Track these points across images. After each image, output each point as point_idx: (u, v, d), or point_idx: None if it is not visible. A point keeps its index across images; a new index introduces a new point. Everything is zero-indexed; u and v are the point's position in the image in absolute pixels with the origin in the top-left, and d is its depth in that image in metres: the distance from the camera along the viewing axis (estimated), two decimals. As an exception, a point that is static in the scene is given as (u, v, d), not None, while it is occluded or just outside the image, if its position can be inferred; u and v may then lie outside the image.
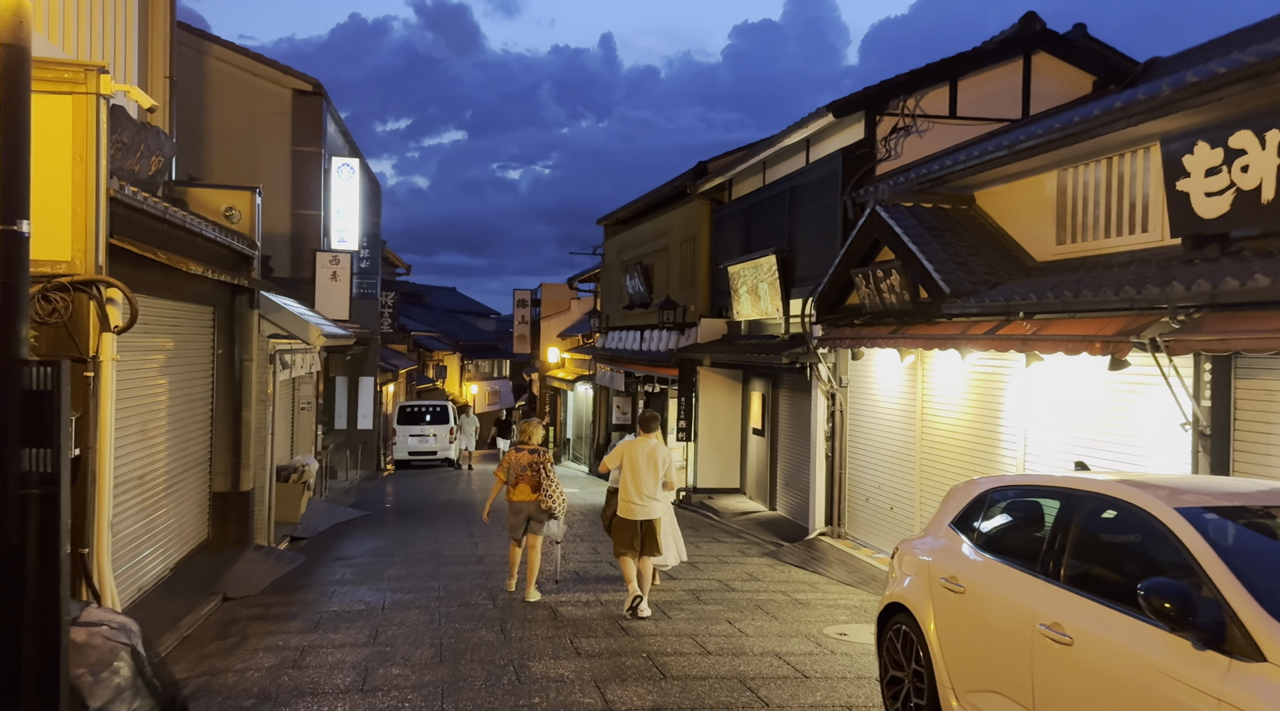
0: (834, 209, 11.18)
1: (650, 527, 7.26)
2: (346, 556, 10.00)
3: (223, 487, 9.69)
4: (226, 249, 9.08)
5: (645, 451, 7.27)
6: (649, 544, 7.24)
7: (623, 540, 7.29)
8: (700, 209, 16.41)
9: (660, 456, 7.31)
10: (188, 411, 8.94)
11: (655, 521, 7.28)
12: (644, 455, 7.24)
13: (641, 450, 7.28)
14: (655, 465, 7.24)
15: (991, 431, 8.14)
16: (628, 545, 7.22)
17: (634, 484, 7.21)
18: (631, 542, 7.20)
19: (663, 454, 7.38)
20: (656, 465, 7.25)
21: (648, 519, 7.23)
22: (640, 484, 7.21)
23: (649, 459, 7.23)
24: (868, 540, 10.29)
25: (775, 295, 12.61)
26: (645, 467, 7.21)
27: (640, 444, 7.35)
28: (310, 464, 12.87)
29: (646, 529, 7.24)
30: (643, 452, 7.26)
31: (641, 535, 7.21)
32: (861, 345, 9.59)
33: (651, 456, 7.24)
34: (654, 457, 7.24)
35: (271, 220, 14.31)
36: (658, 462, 7.26)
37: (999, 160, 8.21)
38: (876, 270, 9.30)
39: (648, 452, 7.26)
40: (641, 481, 7.20)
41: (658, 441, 7.42)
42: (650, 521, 7.25)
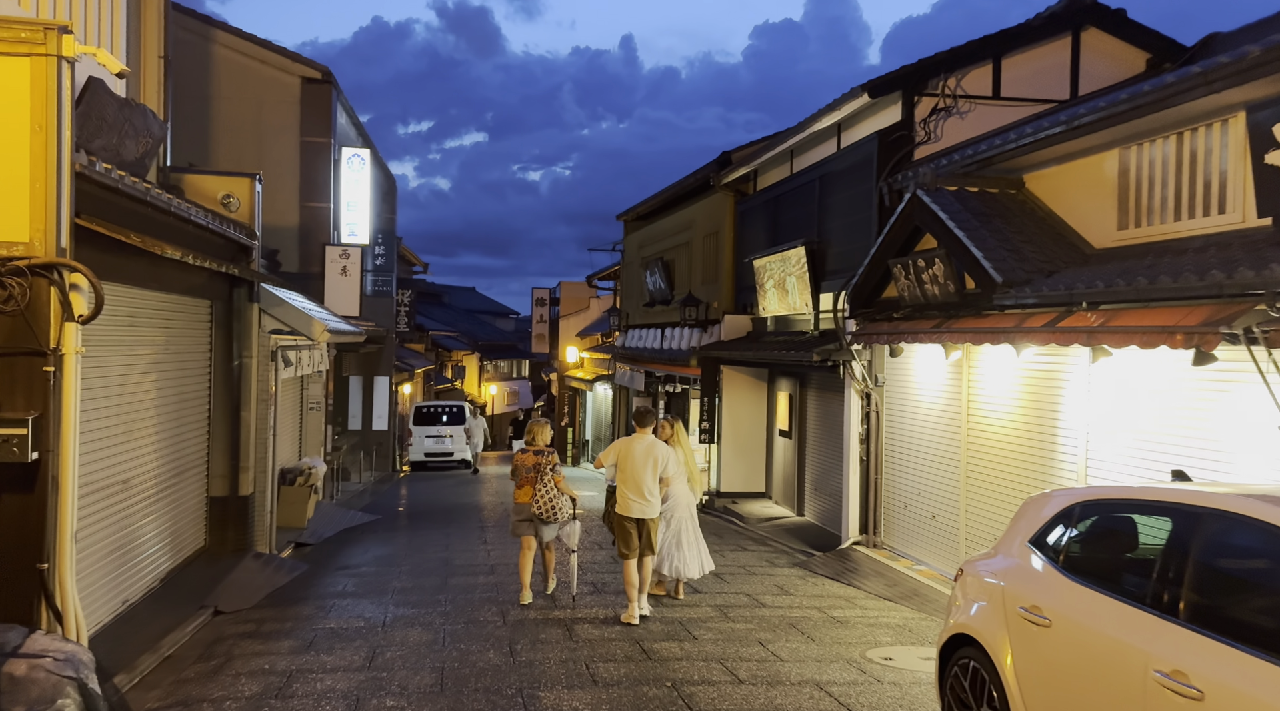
0: (868, 196, 10.50)
1: (646, 526, 7.06)
2: (351, 565, 9.44)
3: (220, 492, 9.16)
4: (223, 238, 8.54)
5: (642, 448, 7.03)
6: (645, 542, 7.07)
7: (625, 539, 7.06)
8: (724, 201, 15.76)
9: (658, 453, 7.09)
10: (181, 411, 8.41)
11: (652, 521, 7.08)
12: (641, 452, 7.01)
13: (638, 447, 7.04)
14: (653, 462, 7.01)
15: (1048, 434, 7.44)
16: (629, 545, 7.02)
17: (631, 481, 6.98)
18: (632, 541, 7.00)
19: (661, 451, 7.14)
20: (654, 462, 7.02)
21: (645, 518, 7.02)
22: (639, 482, 6.97)
23: (646, 456, 7.00)
24: (906, 550, 9.60)
25: (804, 289, 11.94)
26: (642, 465, 6.98)
27: (637, 440, 7.11)
28: (317, 466, 12.34)
29: (642, 527, 7.04)
30: (639, 449, 7.02)
31: (639, 533, 7.02)
32: (901, 340, 8.91)
33: (649, 453, 7.02)
34: (651, 454, 7.02)
35: (280, 213, 13.83)
36: (655, 459, 7.03)
37: (1056, 138, 7.51)
38: (917, 260, 8.62)
39: (644, 449, 7.03)
40: (639, 479, 6.97)
41: (654, 438, 7.19)
42: (646, 520, 7.04)
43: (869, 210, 10.48)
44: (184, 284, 8.00)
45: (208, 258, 7.57)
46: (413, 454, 24.26)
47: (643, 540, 7.05)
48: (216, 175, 9.09)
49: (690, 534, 7.78)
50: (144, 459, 7.45)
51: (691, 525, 7.80)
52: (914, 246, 9.09)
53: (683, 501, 7.76)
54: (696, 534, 7.85)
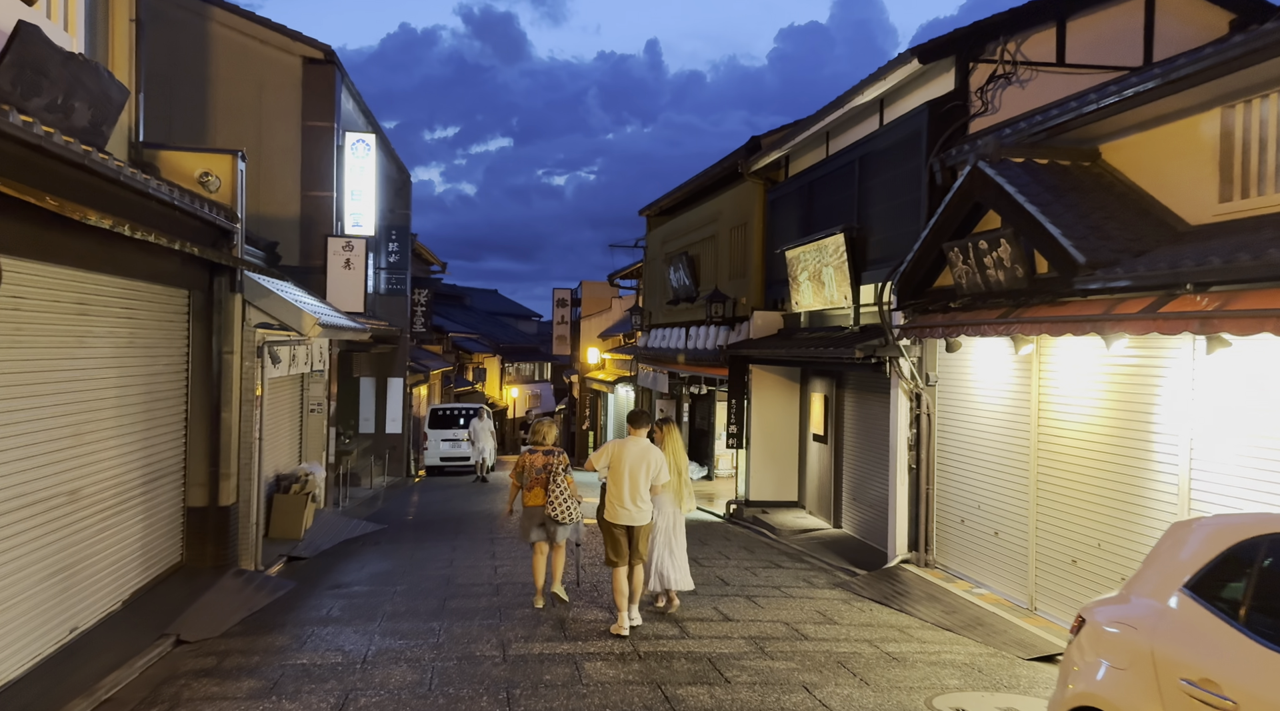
0: (916, 175, 9.46)
1: (636, 533, 6.74)
2: (343, 584, 8.53)
3: (199, 502, 8.29)
4: (198, 220, 7.67)
5: (636, 452, 6.69)
6: (635, 550, 6.75)
7: (614, 546, 6.71)
8: (753, 190, 14.75)
9: (652, 458, 6.76)
10: (152, 412, 7.54)
11: (643, 527, 6.77)
12: (635, 456, 6.66)
13: (632, 450, 6.69)
14: (646, 467, 6.69)
15: (1139, 440, 6.37)
16: (619, 552, 6.70)
17: (624, 486, 6.63)
18: (621, 548, 6.69)
19: (655, 456, 6.81)
20: (648, 467, 6.70)
21: (635, 525, 6.69)
22: (632, 487, 6.63)
23: (639, 460, 6.67)
24: (964, 571, 8.53)
25: (843, 280, 10.91)
26: (638, 469, 6.65)
27: (631, 443, 6.73)
28: (316, 473, 11.46)
29: (634, 534, 6.72)
30: (633, 453, 6.67)
31: (629, 541, 6.71)
32: (959, 333, 7.86)
33: (644, 457, 6.69)
34: (645, 458, 6.69)
35: (281, 203, 13.01)
36: (649, 464, 6.71)
37: (1146, 96, 6.46)
38: (978, 241, 7.58)
39: (639, 453, 6.69)
40: (633, 484, 6.63)
41: (649, 442, 6.87)
42: (636, 528, 6.71)
43: (917, 191, 9.44)
44: (150, 269, 7.13)
45: (178, 240, 6.69)
46: (428, 458, 23.42)
47: (633, 548, 6.72)
48: (195, 151, 8.24)
49: (677, 547, 7.38)
50: (100, 466, 6.57)
51: (680, 537, 7.41)
52: (973, 227, 8.06)
53: (667, 509, 7.32)
54: (681, 547, 7.42)
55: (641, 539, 6.79)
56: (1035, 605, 7.44)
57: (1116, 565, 6.49)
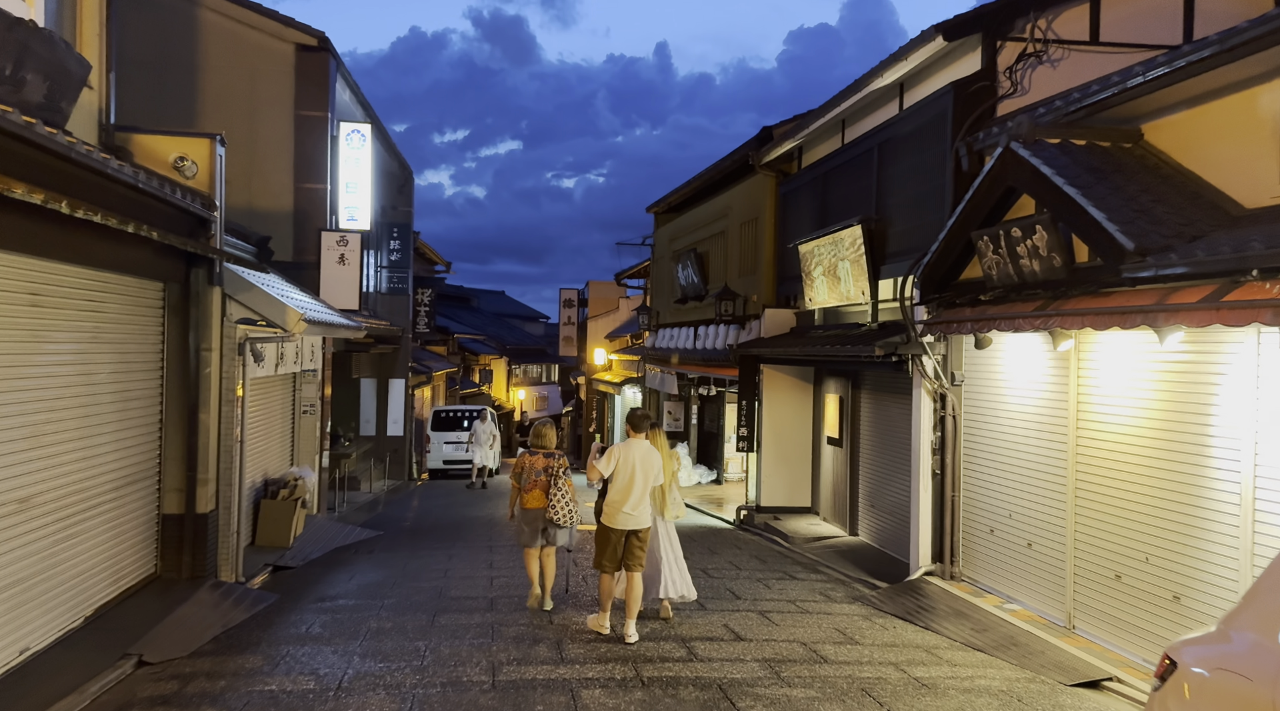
0: (940, 161, 8.89)
1: (636, 538, 6.53)
2: (328, 596, 8.00)
3: (174, 509, 7.77)
4: (171, 206, 7.16)
5: (640, 454, 6.53)
6: (633, 556, 6.52)
7: (609, 552, 6.50)
8: (764, 183, 14.19)
9: (654, 461, 6.62)
10: (123, 413, 7.03)
11: (643, 531, 6.57)
12: (640, 459, 6.50)
13: (636, 453, 6.52)
14: (650, 469, 6.56)
15: (1194, 442, 5.79)
16: (611, 558, 6.49)
17: (628, 490, 6.44)
18: (615, 555, 6.49)
19: (656, 459, 6.68)
20: (651, 469, 6.57)
21: (634, 528, 6.51)
22: (634, 490, 6.45)
23: (644, 462, 6.51)
24: (993, 585, 7.94)
25: (860, 275, 10.34)
26: (640, 473, 6.47)
27: (634, 446, 6.57)
28: (306, 477, 10.94)
29: (633, 540, 6.52)
30: (637, 455, 6.51)
31: (627, 546, 6.50)
32: (990, 328, 7.27)
33: (647, 459, 6.55)
34: (649, 461, 6.56)
35: (273, 196, 12.51)
36: (653, 466, 6.59)
37: (1199, 67, 5.89)
38: (1011, 229, 7.00)
39: (642, 455, 6.53)
40: (636, 487, 6.45)
41: (649, 444, 6.69)
42: (636, 531, 6.52)
43: (941, 177, 8.87)
44: (117, 259, 6.62)
45: (146, 227, 6.17)
46: (431, 461, 22.90)
47: (630, 553, 6.51)
48: (170, 135, 7.73)
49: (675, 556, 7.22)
50: (60, 471, 6.06)
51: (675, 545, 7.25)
52: (1003, 214, 7.48)
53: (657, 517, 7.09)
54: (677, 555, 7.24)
55: (642, 544, 6.57)
56: (1074, 623, 6.85)
57: (1167, 581, 5.90)
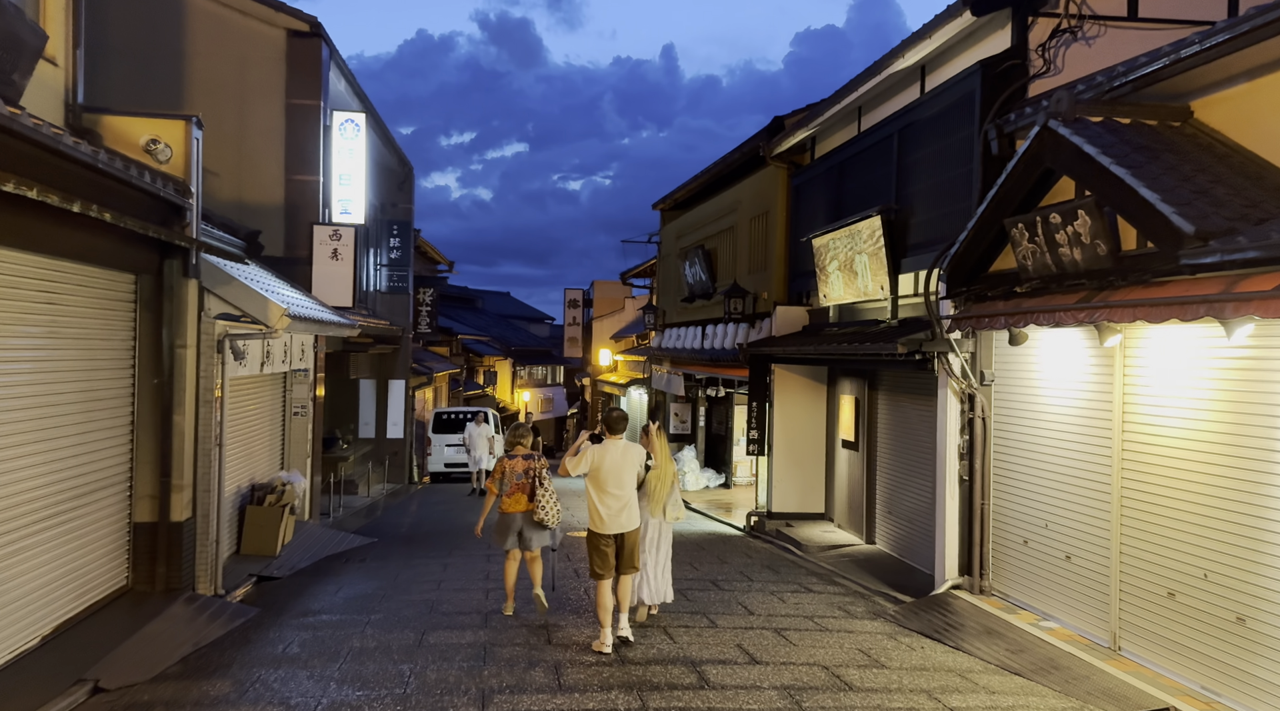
0: (968, 145, 8.32)
1: (627, 541, 6.36)
2: (312, 611, 7.46)
3: (147, 517, 7.25)
4: (138, 191, 6.63)
5: (617, 456, 6.37)
6: (626, 559, 6.36)
7: (600, 558, 6.31)
8: (775, 176, 13.64)
9: (633, 456, 6.51)
10: (87, 414, 6.51)
11: (631, 534, 6.40)
12: (617, 461, 6.36)
13: (613, 454, 6.37)
14: (629, 469, 6.42)
15: (1262, 446, 5.21)
16: (605, 564, 6.29)
17: (608, 494, 6.31)
18: (608, 561, 6.30)
19: (635, 453, 6.57)
20: (630, 469, 6.43)
21: (625, 531, 6.35)
22: (615, 492, 6.31)
23: (623, 463, 6.38)
24: (1028, 601, 7.37)
25: (879, 268, 9.77)
26: (623, 474, 6.35)
27: (611, 448, 6.40)
28: (295, 482, 10.42)
29: (622, 543, 6.35)
30: (614, 458, 6.36)
31: (617, 549, 6.33)
32: (1026, 322, 6.70)
33: (625, 459, 6.41)
34: (628, 460, 6.43)
35: (264, 188, 12.01)
36: (632, 464, 6.46)
37: (1263, 32, 5.33)
38: (1049, 215, 6.44)
39: (620, 457, 6.39)
40: (616, 489, 6.31)
41: (629, 443, 6.55)
42: (625, 534, 6.35)
43: (968, 163, 8.31)
44: (78, 247, 6.10)
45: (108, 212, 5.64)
46: (432, 464, 22.38)
47: (622, 557, 6.34)
48: (142, 116, 7.22)
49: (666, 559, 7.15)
50: (11, 477, 5.53)
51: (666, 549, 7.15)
52: (1040, 199, 6.93)
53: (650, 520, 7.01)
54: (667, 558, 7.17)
55: (631, 546, 6.39)
56: (1119, 644, 6.28)
57: (1230, 601, 5.33)
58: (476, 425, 17.88)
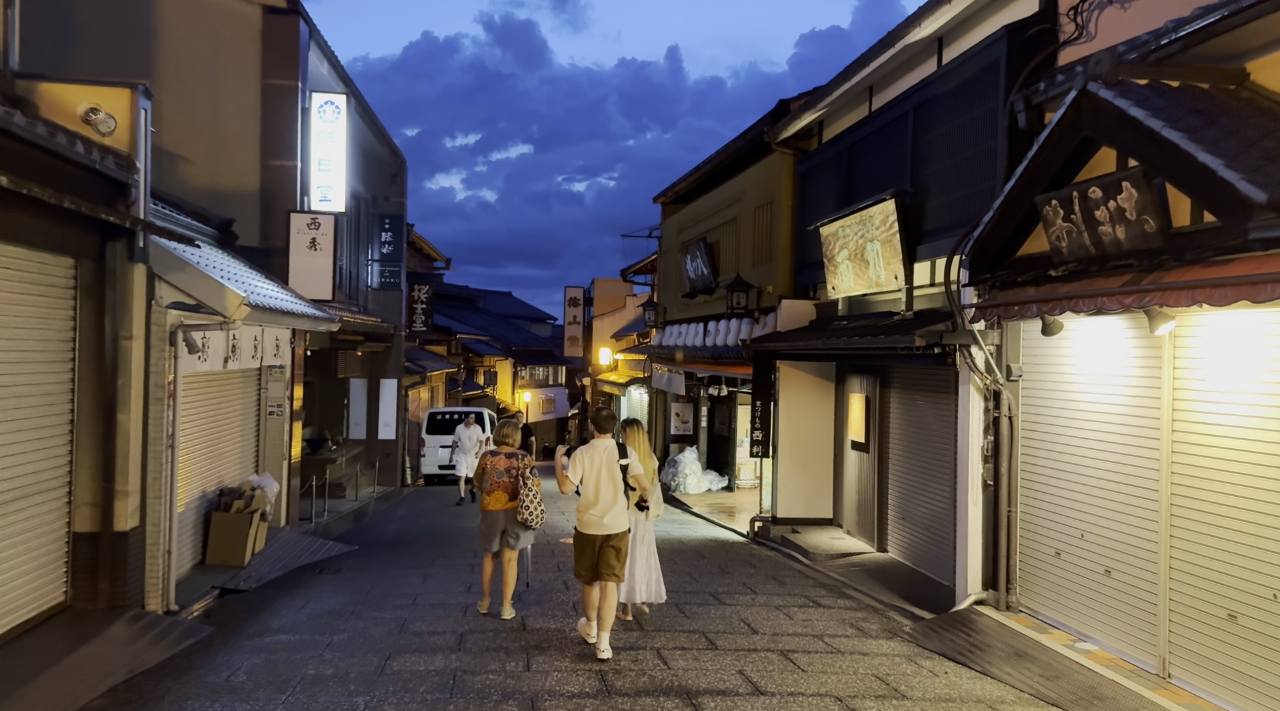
0: (991, 119, 7.63)
1: (611, 544, 6.11)
2: (270, 630, 6.78)
3: (88, 526, 6.58)
4: (71, 164, 5.97)
5: (604, 454, 6.23)
6: (607, 565, 6.08)
7: (583, 560, 6.18)
8: (780, 163, 12.95)
9: (618, 457, 6.29)
10: (12, 412, 5.84)
11: (618, 536, 6.16)
12: (603, 460, 6.20)
13: (598, 453, 6.22)
14: (615, 468, 6.21)
15: (1346, 452, 4.51)
16: (589, 566, 6.15)
17: (596, 494, 6.14)
18: (593, 563, 6.12)
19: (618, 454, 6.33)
20: (617, 468, 6.23)
21: (611, 533, 6.13)
22: (603, 492, 6.14)
23: (610, 463, 6.21)
24: (1061, 619, 6.66)
25: (893, 256, 9.08)
26: (605, 473, 6.16)
27: (598, 447, 6.25)
28: (266, 486, 9.75)
29: (606, 547, 6.11)
30: (602, 456, 6.21)
31: (600, 552, 6.11)
32: (1062, 309, 6.00)
33: (610, 459, 6.23)
34: (613, 459, 6.25)
35: (238, 174, 11.34)
36: (616, 464, 6.25)
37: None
38: (1088, 190, 5.74)
39: (607, 454, 6.24)
40: (600, 489, 6.14)
41: (615, 443, 6.36)
42: (610, 537, 6.13)
43: (992, 138, 7.62)
44: (4, 227, 5.43)
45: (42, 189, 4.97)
46: (425, 466, 21.72)
47: (604, 561, 6.09)
48: (82, 84, 6.54)
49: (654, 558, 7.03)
50: (-90, 484, 4.87)
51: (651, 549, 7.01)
52: (1075, 174, 6.23)
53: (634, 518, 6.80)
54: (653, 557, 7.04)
55: (619, 552, 6.12)
56: (1169, 671, 5.58)
57: (1307, 627, 4.62)
58: (466, 427, 16.58)
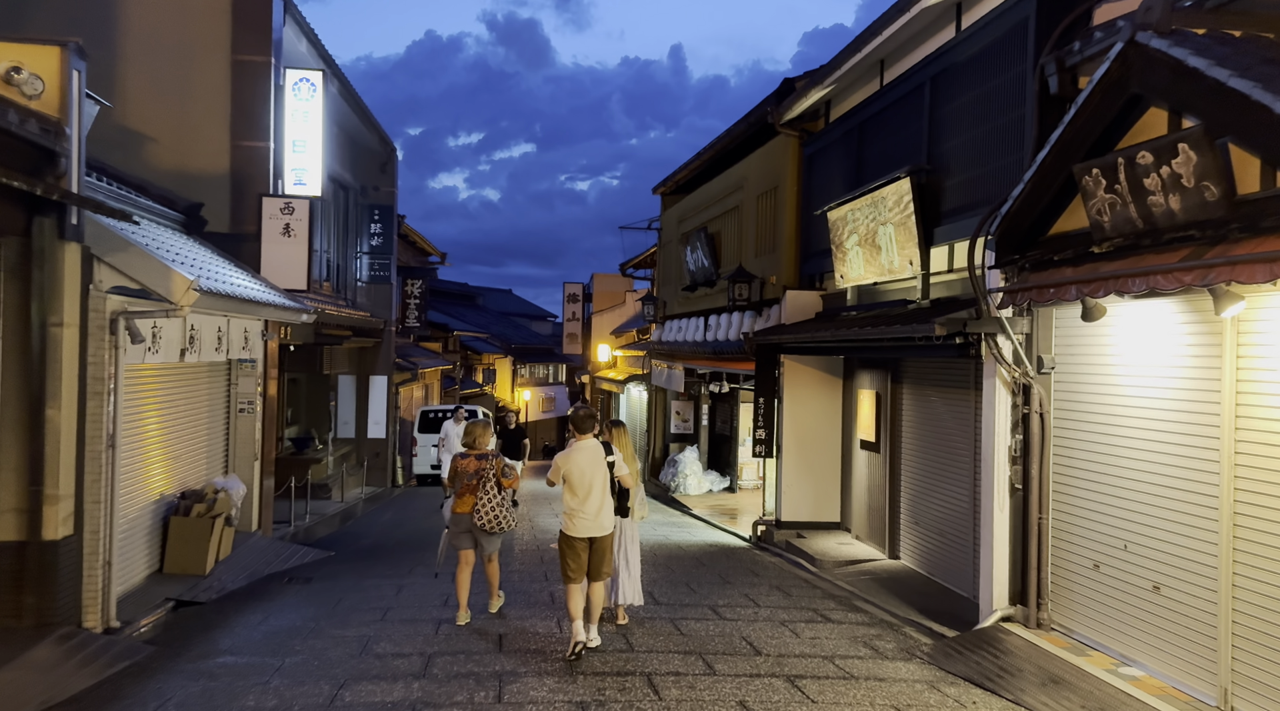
0: (1018, 85, 6.93)
1: (600, 545, 6.08)
2: (219, 650, 6.10)
3: (13, 534, 5.90)
4: (-14, 127, 5.28)
5: (586, 456, 6.08)
6: (597, 564, 6.08)
7: (572, 560, 6.04)
8: (785, 146, 12.25)
9: (602, 458, 6.13)
10: (-81, 407, 5.15)
11: (604, 538, 6.10)
12: (586, 461, 6.05)
13: (581, 456, 6.07)
14: (600, 469, 6.07)
15: None
16: (577, 567, 6.03)
17: (580, 495, 6.03)
18: (580, 564, 6.03)
19: (603, 454, 6.16)
20: (600, 467, 6.08)
21: (598, 535, 6.06)
22: (588, 495, 6.01)
23: (593, 464, 6.06)
24: (1100, 639, 5.95)
25: (907, 240, 8.38)
26: (591, 476, 6.02)
27: (579, 449, 6.10)
28: (232, 489, 9.08)
29: (595, 547, 6.08)
30: (583, 458, 6.06)
31: (590, 553, 6.06)
32: (1108, 290, 5.29)
33: (595, 459, 6.08)
34: (597, 459, 6.09)
35: (207, 156, 10.66)
36: (601, 466, 6.09)
37: None
38: (1137, 155, 5.03)
39: (590, 457, 6.08)
40: (590, 491, 6.02)
41: (598, 442, 6.20)
42: (597, 538, 6.06)
43: (1020, 106, 6.91)
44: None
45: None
46: (418, 466, 21.05)
47: (593, 562, 6.05)
48: (6, 41, 5.85)
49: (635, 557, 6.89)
50: None
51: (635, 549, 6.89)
52: (1119, 139, 5.53)
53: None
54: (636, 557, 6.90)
55: (604, 551, 6.07)
56: (1231, 704, 4.88)
57: None
58: (455, 424, 15.03)
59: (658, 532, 12.51)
